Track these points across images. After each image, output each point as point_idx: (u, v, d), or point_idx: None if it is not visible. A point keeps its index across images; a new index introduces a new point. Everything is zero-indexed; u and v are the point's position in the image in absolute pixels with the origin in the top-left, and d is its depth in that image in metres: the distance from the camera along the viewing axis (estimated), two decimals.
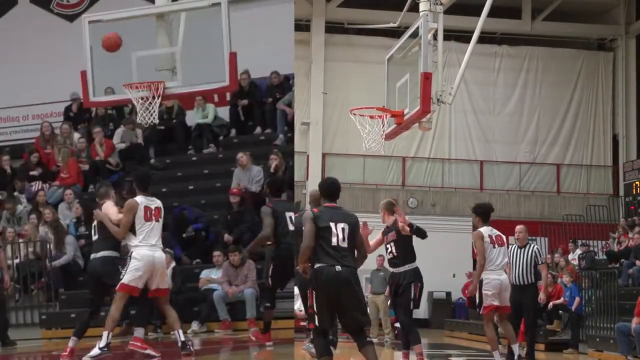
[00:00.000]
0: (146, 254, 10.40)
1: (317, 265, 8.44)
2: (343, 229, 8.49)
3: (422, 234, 11.19)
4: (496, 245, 11.90)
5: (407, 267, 11.20)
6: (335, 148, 26.81)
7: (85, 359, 10.27)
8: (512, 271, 12.97)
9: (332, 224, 8.50)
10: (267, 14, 18.51)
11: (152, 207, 10.56)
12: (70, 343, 10.59)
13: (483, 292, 11.87)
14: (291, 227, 11.69)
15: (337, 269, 8.38)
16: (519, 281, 12.95)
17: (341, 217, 8.61)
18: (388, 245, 11.44)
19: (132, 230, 10.43)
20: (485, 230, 12.05)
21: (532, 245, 13.34)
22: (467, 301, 21.92)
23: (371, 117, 12.97)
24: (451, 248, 25.34)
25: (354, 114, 13.12)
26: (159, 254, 10.54)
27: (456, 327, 22.48)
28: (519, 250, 13.15)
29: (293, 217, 11.77)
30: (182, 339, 10.66)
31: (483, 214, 12.39)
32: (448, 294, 25.24)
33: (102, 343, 10.33)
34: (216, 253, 15.91)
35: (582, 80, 28.07)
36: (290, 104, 19.09)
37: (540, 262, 13.16)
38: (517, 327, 13.10)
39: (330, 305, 8.42)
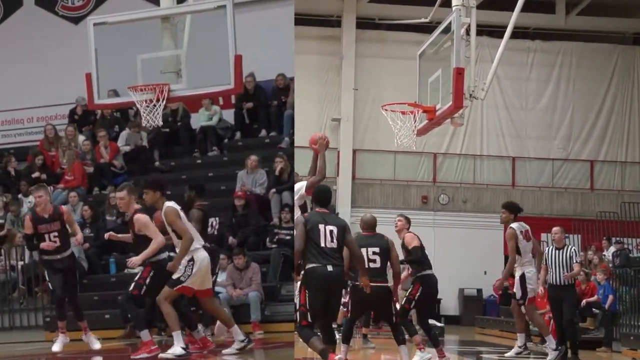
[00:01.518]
0: (205, 256, 10.37)
1: (309, 266, 8.94)
2: (331, 231, 9.02)
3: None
4: (525, 240, 12.69)
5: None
6: (366, 144, 26.75)
7: (168, 355, 10.19)
8: (550, 271, 13.29)
9: (320, 226, 9.05)
10: (270, 16, 18.47)
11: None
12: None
13: (527, 284, 12.70)
14: None
15: (329, 269, 8.92)
16: (558, 282, 13.21)
17: (330, 220, 9.19)
18: None
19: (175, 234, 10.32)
20: (516, 226, 12.75)
21: (570, 246, 13.61)
22: (498, 298, 21.79)
23: (403, 112, 12.93)
24: (482, 245, 25.24)
25: (385, 110, 13.07)
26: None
27: (487, 324, 22.36)
28: (556, 251, 13.35)
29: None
30: (241, 337, 10.83)
31: (514, 210, 13.03)
32: (479, 290, 25.13)
33: (181, 343, 10.25)
34: (221, 256, 15.78)
35: (617, 76, 27.81)
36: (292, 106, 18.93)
37: (576, 262, 13.42)
38: (566, 323, 13.36)
39: (322, 302, 8.95)
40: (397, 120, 12.91)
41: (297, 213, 10.07)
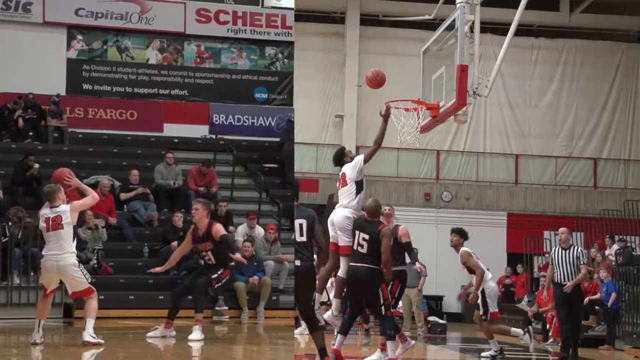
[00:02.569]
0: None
1: None
2: (300, 225, 9.26)
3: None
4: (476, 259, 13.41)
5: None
6: (369, 141, 26.65)
7: None
8: (557, 271, 13.60)
9: (295, 221, 9.37)
10: None
11: None
12: None
13: (487, 300, 13.57)
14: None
15: (296, 263, 9.32)
16: (564, 281, 13.50)
17: (299, 213, 9.42)
18: None
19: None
20: (467, 248, 13.37)
21: (577, 247, 13.87)
22: (500, 296, 21.77)
23: (406, 109, 12.91)
24: (485, 242, 25.18)
25: (389, 107, 13.04)
26: None
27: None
28: (562, 251, 13.64)
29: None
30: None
31: (464, 236, 13.52)
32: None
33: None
34: None
35: (621, 73, 27.76)
36: None
37: (582, 262, 13.62)
38: (572, 325, 13.62)
39: (295, 296, 9.58)
40: (400, 117, 12.90)
41: (353, 189, 10.47)
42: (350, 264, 10.26)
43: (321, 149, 25.56)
